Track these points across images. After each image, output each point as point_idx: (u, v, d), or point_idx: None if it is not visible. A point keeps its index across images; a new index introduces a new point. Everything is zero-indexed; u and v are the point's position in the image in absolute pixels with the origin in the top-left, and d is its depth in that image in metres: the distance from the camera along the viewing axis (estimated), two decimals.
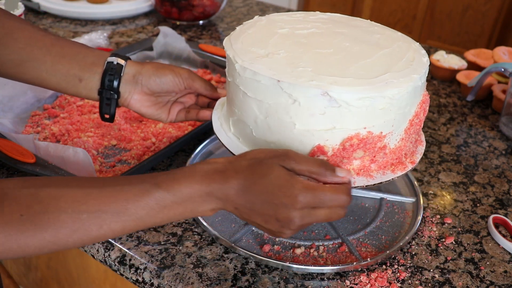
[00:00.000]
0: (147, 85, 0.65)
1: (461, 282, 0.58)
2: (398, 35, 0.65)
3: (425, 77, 0.57)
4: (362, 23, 0.68)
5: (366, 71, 0.54)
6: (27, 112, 0.82)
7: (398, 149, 0.58)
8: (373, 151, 0.55)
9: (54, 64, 0.62)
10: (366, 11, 3.21)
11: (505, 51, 1.06)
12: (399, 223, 0.67)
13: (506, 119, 0.92)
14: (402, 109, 0.55)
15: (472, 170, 0.80)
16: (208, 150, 0.77)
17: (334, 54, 0.57)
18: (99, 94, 0.64)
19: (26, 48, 0.61)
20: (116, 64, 0.63)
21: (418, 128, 0.60)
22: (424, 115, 0.60)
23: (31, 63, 0.62)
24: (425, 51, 0.62)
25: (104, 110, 0.65)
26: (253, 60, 0.54)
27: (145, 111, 0.67)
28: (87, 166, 0.63)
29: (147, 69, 0.65)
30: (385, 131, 0.55)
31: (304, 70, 0.52)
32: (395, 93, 0.52)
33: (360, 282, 0.57)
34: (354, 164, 0.56)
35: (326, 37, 0.61)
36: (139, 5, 1.36)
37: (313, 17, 0.68)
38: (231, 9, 1.49)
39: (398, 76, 0.54)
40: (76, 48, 0.64)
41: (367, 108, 0.52)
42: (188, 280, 0.55)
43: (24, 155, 0.64)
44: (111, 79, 0.63)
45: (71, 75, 0.63)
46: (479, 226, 0.68)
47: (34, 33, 0.63)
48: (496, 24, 2.80)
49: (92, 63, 0.63)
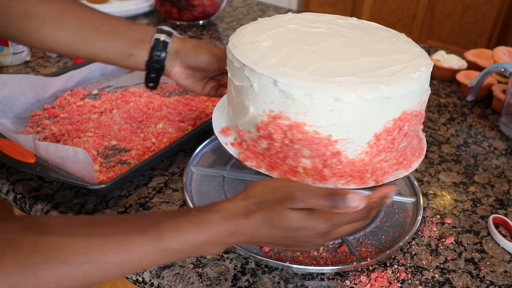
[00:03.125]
0: (186, 60, 0.72)
1: (461, 282, 0.58)
2: (412, 49, 0.60)
3: (400, 92, 0.52)
4: (385, 33, 0.65)
5: (330, 70, 0.52)
6: (27, 112, 0.82)
7: (360, 162, 0.55)
8: (323, 154, 0.54)
9: (106, 42, 0.68)
10: (366, 11, 3.21)
11: (505, 51, 1.06)
12: (399, 223, 0.67)
13: (506, 119, 0.92)
14: (360, 118, 0.51)
15: (472, 170, 0.80)
16: (208, 150, 0.77)
17: (316, 52, 0.57)
18: (146, 66, 0.71)
19: (79, 29, 0.67)
20: (163, 40, 0.70)
21: (391, 146, 0.55)
22: (400, 133, 0.55)
23: (85, 42, 0.68)
24: (429, 78, 0.57)
25: (150, 80, 0.73)
26: (239, 45, 0.58)
27: (182, 82, 0.74)
28: (87, 166, 0.63)
29: (187, 46, 0.72)
30: (336, 136, 0.52)
31: (271, 60, 0.54)
32: (344, 96, 0.49)
33: (360, 282, 0.57)
34: (303, 162, 0.54)
35: (324, 37, 0.61)
36: (139, 5, 1.36)
37: (342, 20, 0.67)
38: (231, 9, 1.49)
39: (360, 82, 0.51)
40: (124, 25, 0.70)
41: (314, 105, 0.50)
42: (188, 280, 0.55)
43: (24, 155, 0.64)
44: (158, 54, 0.70)
45: (122, 52, 0.69)
46: (479, 226, 0.68)
47: (83, 13, 0.68)
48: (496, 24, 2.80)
49: (140, 39, 0.70)
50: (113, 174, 0.70)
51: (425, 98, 0.58)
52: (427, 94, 0.58)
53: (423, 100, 0.58)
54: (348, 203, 0.48)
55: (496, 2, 2.76)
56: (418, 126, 0.59)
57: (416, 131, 0.59)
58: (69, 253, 0.43)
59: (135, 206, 0.65)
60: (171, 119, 0.83)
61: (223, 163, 0.75)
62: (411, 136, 0.58)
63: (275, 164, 0.56)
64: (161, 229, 0.46)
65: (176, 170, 0.73)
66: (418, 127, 0.60)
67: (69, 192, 0.67)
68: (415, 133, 0.59)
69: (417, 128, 0.59)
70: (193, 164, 0.73)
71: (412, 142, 0.60)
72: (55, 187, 0.68)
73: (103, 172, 0.70)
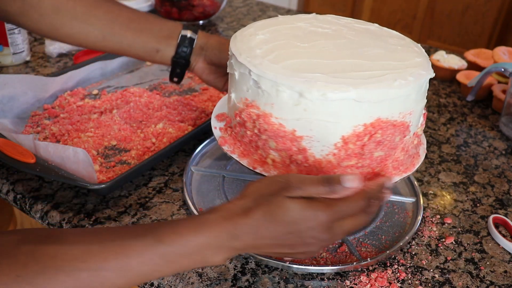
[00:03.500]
0: (210, 56, 0.74)
1: (461, 282, 0.58)
2: (413, 59, 0.58)
3: (372, 97, 0.50)
4: (395, 41, 0.62)
5: (304, 66, 0.52)
6: (27, 112, 0.82)
7: (328, 164, 0.54)
8: (290, 149, 0.54)
9: (134, 38, 0.71)
10: (366, 11, 3.21)
11: (505, 51, 1.06)
12: (399, 223, 0.67)
13: (506, 119, 0.92)
14: (324, 117, 0.51)
15: (472, 170, 0.80)
16: (208, 150, 0.77)
17: (304, 48, 0.57)
18: (172, 62, 0.74)
19: (108, 25, 0.69)
20: (189, 37, 0.73)
21: (362, 152, 0.53)
22: (371, 141, 0.52)
23: (113, 38, 0.70)
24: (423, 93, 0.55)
25: (175, 75, 0.76)
26: (239, 37, 0.60)
27: (206, 78, 0.77)
28: (87, 166, 0.63)
29: (211, 42, 0.74)
30: (300, 132, 0.52)
31: (255, 51, 0.56)
32: (307, 92, 0.49)
33: (360, 282, 0.57)
34: (272, 154, 0.55)
35: (323, 37, 0.61)
36: (139, 5, 1.36)
37: (359, 25, 0.66)
38: (231, 9, 1.49)
39: (328, 80, 0.50)
40: (151, 21, 0.72)
41: (280, 98, 0.51)
42: (188, 280, 0.55)
43: (24, 155, 0.64)
44: (185, 51, 0.73)
45: (149, 47, 0.72)
46: (479, 226, 0.68)
47: (112, 8, 0.70)
48: (496, 24, 2.80)
49: (167, 36, 0.72)
50: (113, 174, 0.70)
51: (411, 110, 0.54)
52: (417, 106, 0.55)
53: (409, 112, 0.54)
54: (345, 183, 0.47)
55: (496, 2, 2.76)
56: (398, 137, 0.55)
57: (395, 143, 0.55)
58: (66, 261, 0.41)
59: (135, 206, 0.65)
60: (171, 119, 0.83)
61: (223, 163, 0.75)
62: (390, 147, 0.55)
63: (248, 152, 0.58)
64: (160, 232, 0.45)
65: (176, 170, 0.73)
66: (400, 138, 0.55)
67: (69, 192, 0.67)
68: (393, 144, 0.55)
69: (397, 140, 0.55)
70: (193, 164, 0.73)
71: (396, 154, 0.57)
72: (55, 187, 0.68)
73: (103, 172, 0.70)
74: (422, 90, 0.55)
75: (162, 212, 0.65)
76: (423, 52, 0.61)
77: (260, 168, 0.56)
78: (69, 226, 0.61)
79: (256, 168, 0.57)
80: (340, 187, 0.47)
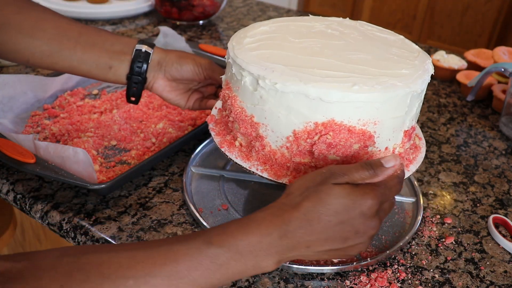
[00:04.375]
0: (169, 71, 0.69)
1: (461, 282, 0.58)
2: (403, 67, 0.55)
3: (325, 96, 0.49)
4: (394, 49, 0.60)
5: (276, 58, 0.54)
6: (27, 112, 0.82)
7: (282, 156, 0.54)
8: (250, 135, 0.55)
9: (84, 53, 0.65)
10: (366, 11, 3.21)
11: (505, 51, 1.06)
12: (399, 223, 0.67)
13: (506, 119, 0.92)
14: (276, 108, 0.51)
15: (472, 170, 0.80)
16: (208, 150, 0.77)
17: (292, 44, 0.58)
18: (127, 79, 0.68)
19: (56, 39, 0.64)
20: (144, 51, 0.67)
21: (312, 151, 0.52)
22: (321, 141, 0.51)
23: (62, 53, 0.64)
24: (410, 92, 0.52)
25: (132, 93, 0.69)
26: (246, 28, 0.62)
27: (166, 96, 0.71)
28: (87, 166, 0.63)
29: (170, 57, 0.69)
30: (257, 119, 0.54)
31: (246, 40, 0.58)
32: (261, 80, 0.51)
33: (360, 282, 0.57)
34: (240, 137, 0.57)
35: (323, 37, 0.61)
36: (139, 5, 1.36)
37: (379, 33, 0.65)
38: (231, 9, 1.49)
39: (285, 72, 0.51)
40: (103, 36, 0.67)
41: (243, 83, 0.53)
42: None
43: (24, 155, 0.64)
44: (140, 66, 0.67)
45: (101, 63, 0.66)
46: (479, 226, 0.68)
47: (60, 22, 0.65)
48: (496, 24, 2.80)
49: (120, 51, 0.66)
50: (113, 174, 0.70)
51: (375, 119, 0.51)
52: (385, 117, 0.51)
53: (373, 121, 0.51)
54: (386, 164, 0.48)
55: (496, 2, 2.76)
56: (357, 145, 0.52)
57: (352, 150, 0.52)
58: (111, 268, 0.40)
59: (135, 206, 0.65)
60: (171, 119, 0.83)
61: (223, 163, 0.75)
62: (345, 153, 0.52)
63: (224, 131, 0.61)
64: (209, 233, 0.43)
65: (176, 170, 0.73)
66: (360, 147, 0.52)
67: (69, 192, 0.67)
68: (350, 152, 0.52)
69: (355, 147, 0.52)
70: (193, 164, 0.73)
71: None
72: (55, 187, 0.68)
73: (103, 172, 0.70)
74: (394, 101, 0.51)
75: (162, 212, 0.65)
76: (425, 67, 0.56)
77: (226, 148, 0.59)
78: (69, 226, 0.61)
79: (223, 148, 0.59)
80: (382, 168, 0.48)
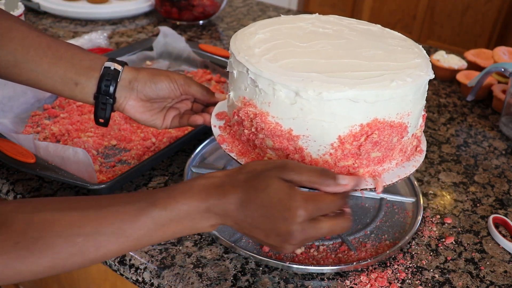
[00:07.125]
0: (142, 91, 0.64)
1: (461, 282, 0.59)
2: (412, 60, 0.57)
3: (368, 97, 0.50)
4: (395, 42, 0.62)
5: (301, 66, 0.53)
6: (27, 112, 0.82)
7: (324, 163, 0.54)
8: (286, 149, 0.54)
9: (50, 66, 0.61)
10: (366, 11, 3.21)
11: (505, 51, 1.06)
12: (399, 223, 0.67)
13: (506, 119, 0.92)
14: (320, 117, 0.51)
15: (472, 170, 0.80)
16: (208, 150, 0.77)
17: (302, 48, 0.57)
18: (94, 99, 0.63)
19: (22, 49, 0.60)
20: (113, 69, 0.62)
21: (359, 153, 0.53)
22: (368, 141, 0.52)
23: (27, 65, 0.60)
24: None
25: (99, 114, 0.64)
26: (240, 35, 0.60)
27: (140, 117, 0.66)
28: (87, 166, 0.63)
29: (143, 75, 0.64)
30: (297, 131, 0.53)
31: (254, 50, 0.56)
32: (303, 91, 0.49)
33: (360, 282, 0.57)
34: (269, 153, 0.56)
35: (323, 37, 0.61)
36: (139, 5, 1.36)
37: (362, 26, 0.66)
38: (231, 9, 1.49)
39: (324, 80, 0.50)
40: (72, 50, 0.63)
41: (276, 97, 0.52)
42: (188, 280, 0.55)
43: (24, 155, 0.64)
44: (108, 85, 0.62)
45: (67, 78, 0.61)
46: (479, 226, 0.68)
47: (29, 33, 0.61)
48: (496, 24, 2.80)
49: (88, 67, 0.62)
50: (113, 174, 0.70)
51: (409, 111, 0.54)
52: (415, 107, 0.55)
53: (407, 113, 0.54)
54: (339, 180, 0.48)
55: (496, 2, 2.76)
56: (396, 138, 0.54)
57: (392, 144, 0.55)
58: (63, 226, 0.43)
59: None
60: None
61: (223, 163, 0.75)
62: (387, 147, 0.54)
63: (246, 151, 0.58)
64: (155, 195, 0.46)
65: (176, 170, 0.73)
66: (398, 139, 0.55)
67: (69, 192, 0.67)
68: (391, 145, 0.55)
69: (394, 141, 0.55)
70: (193, 164, 0.73)
71: (393, 155, 0.57)
72: (55, 187, 0.68)
73: (103, 172, 0.70)
74: (420, 91, 0.55)
75: None
76: (424, 53, 0.60)
77: None
78: None
79: None
80: (333, 182, 0.47)
